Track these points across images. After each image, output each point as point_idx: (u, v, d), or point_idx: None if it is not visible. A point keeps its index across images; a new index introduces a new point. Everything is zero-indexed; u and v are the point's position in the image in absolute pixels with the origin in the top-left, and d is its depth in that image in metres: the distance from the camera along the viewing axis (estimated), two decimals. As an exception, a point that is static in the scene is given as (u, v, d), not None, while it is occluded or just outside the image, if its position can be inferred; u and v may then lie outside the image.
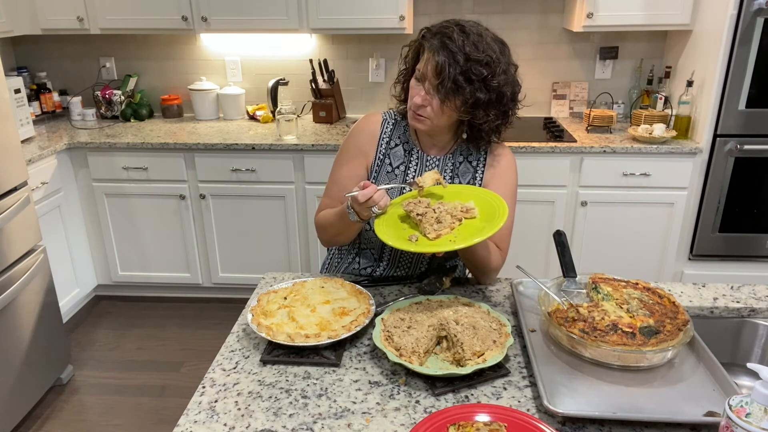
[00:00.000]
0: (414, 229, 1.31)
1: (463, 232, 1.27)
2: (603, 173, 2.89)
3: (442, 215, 1.29)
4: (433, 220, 1.28)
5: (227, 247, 3.19)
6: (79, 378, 2.72)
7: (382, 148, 1.54)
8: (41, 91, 3.38)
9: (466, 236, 1.25)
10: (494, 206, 1.32)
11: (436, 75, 1.33)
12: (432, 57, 1.33)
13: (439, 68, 1.31)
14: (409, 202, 1.34)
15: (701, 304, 1.39)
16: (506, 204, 1.32)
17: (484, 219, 1.30)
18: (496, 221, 1.26)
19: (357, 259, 1.61)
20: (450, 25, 1.35)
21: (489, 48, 1.33)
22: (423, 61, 1.37)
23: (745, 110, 2.73)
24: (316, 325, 1.24)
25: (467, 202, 1.35)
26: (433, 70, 1.33)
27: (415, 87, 1.40)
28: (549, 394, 1.04)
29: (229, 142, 2.96)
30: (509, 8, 3.26)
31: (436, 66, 1.32)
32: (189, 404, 1.08)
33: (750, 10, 2.58)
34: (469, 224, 1.30)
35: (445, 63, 1.30)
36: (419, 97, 1.38)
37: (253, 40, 3.42)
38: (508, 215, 1.28)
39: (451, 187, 1.43)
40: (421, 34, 1.41)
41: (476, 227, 1.28)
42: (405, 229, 1.32)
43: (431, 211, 1.30)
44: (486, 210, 1.32)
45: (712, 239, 2.95)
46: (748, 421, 0.82)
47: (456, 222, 1.29)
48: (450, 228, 1.28)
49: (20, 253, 2.34)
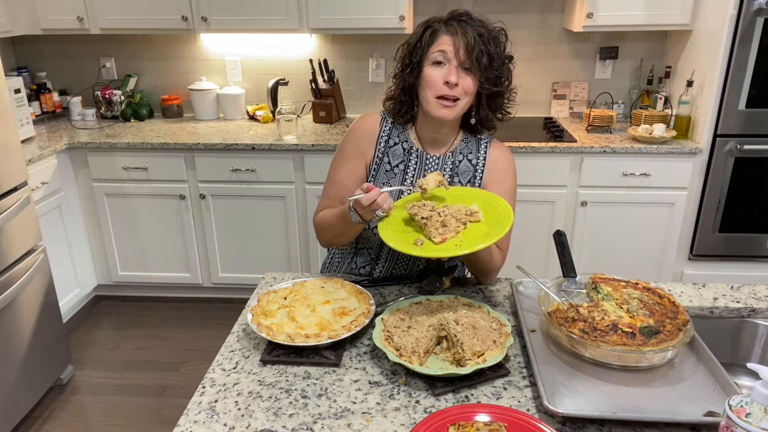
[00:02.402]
0: (418, 232, 1.31)
1: (469, 236, 1.27)
2: (603, 173, 2.89)
3: (447, 219, 1.28)
4: (438, 224, 1.27)
5: (227, 247, 3.19)
6: (79, 378, 2.72)
7: (380, 146, 1.53)
8: (41, 91, 3.38)
9: (472, 240, 1.24)
10: (498, 210, 1.31)
11: (468, 52, 1.36)
12: (460, 36, 1.36)
13: (471, 45, 1.35)
14: (413, 204, 1.33)
15: (701, 304, 1.39)
16: (509, 206, 1.32)
17: (488, 223, 1.30)
18: (501, 225, 1.25)
19: (354, 259, 1.61)
20: (458, 11, 1.42)
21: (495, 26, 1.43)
22: (442, 43, 1.39)
23: (745, 110, 2.73)
24: (316, 325, 1.24)
25: (471, 205, 1.35)
26: (465, 47, 1.36)
27: (436, 71, 1.39)
28: (549, 394, 1.04)
29: (229, 142, 2.96)
30: (509, 8, 3.27)
31: (467, 44, 1.35)
32: (189, 404, 1.08)
33: (750, 10, 2.58)
34: (473, 228, 1.29)
35: (475, 38, 1.35)
36: (454, 75, 1.37)
37: (253, 40, 3.42)
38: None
39: (453, 189, 1.43)
40: (427, 25, 1.43)
41: (481, 231, 1.28)
42: (409, 232, 1.31)
43: (436, 215, 1.29)
44: (490, 213, 1.32)
45: (712, 239, 2.95)
46: (748, 421, 0.82)
47: (461, 226, 1.29)
48: (455, 232, 1.27)
49: (20, 253, 2.34)
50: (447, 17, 1.42)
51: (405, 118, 1.52)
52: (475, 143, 1.54)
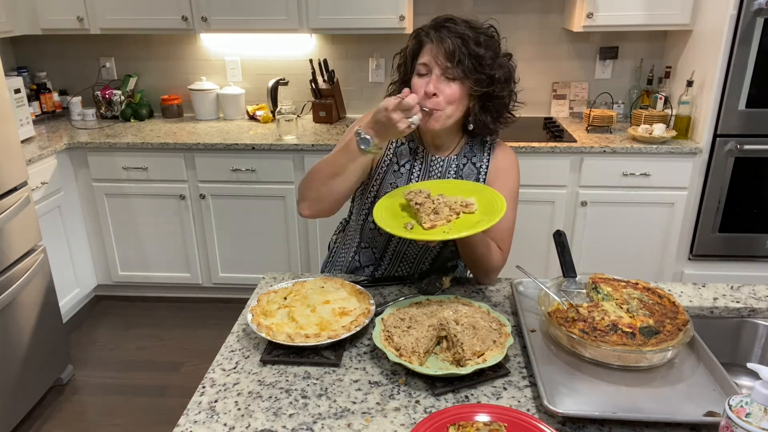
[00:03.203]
0: (413, 218, 1.33)
1: (459, 224, 1.29)
2: (603, 173, 2.89)
3: (440, 206, 1.31)
4: (430, 210, 1.30)
5: (227, 247, 3.19)
6: (79, 378, 2.72)
7: (392, 144, 1.52)
8: (41, 91, 3.38)
9: (461, 229, 1.26)
10: (493, 203, 1.33)
11: (449, 58, 1.32)
12: (439, 44, 1.33)
13: (451, 50, 1.31)
14: (410, 191, 1.35)
15: (701, 304, 1.39)
16: (505, 201, 1.32)
17: (482, 214, 1.32)
18: (493, 216, 1.27)
19: (357, 258, 1.61)
20: (440, 17, 1.38)
21: (483, 25, 1.38)
22: (425, 54, 1.36)
23: (745, 110, 2.73)
24: (316, 325, 1.23)
25: (469, 197, 1.36)
26: (444, 54, 1.32)
27: (418, 82, 1.37)
28: (549, 394, 1.04)
29: (229, 142, 2.96)
30: (509, 8, 3.27)
31: (447, 50, 1.31)
32: (189, 404, 1.07)
33: (750, 10, 2.58)
34: (466, 218, 1.31)
35: (457, 42, 1.31)
36: (431, 85, 1.33)
37: (253, 40, 3.42)
38: (506, 214, 1.29)
39: (455, 182, 1.45)
40: (415, 35, 1.41)
41: (473, 221, 1.29)
42: (404, 217, 1.34)
43: (430, 202, 1.32)
44: (485, 206, 1.33)
45: (712, 239, 2.95)
46: (748, 421, 0.82)
47: (453, 215, 1.31)
48: (446, 220, 1.29)
49: (20, 253, 2.34)
50: (430, 24, 1.39)
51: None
52: (480, 146, 1.53)
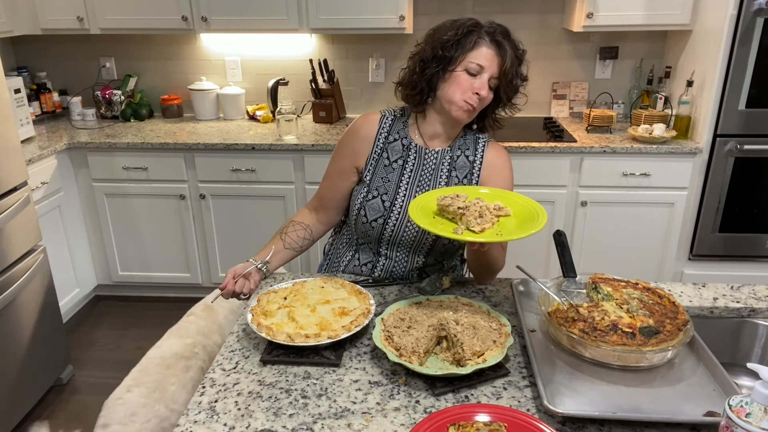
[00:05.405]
0: (450, 223, 1.32)
1: (505, 227, 1.30)
2: (603, 173, 2.89)
3: (483, 210, 1.31)
4: (476, 214, 1.30)
5: (227, 247, 3.19)
6: (79, 378, 2.72)
7: (379, 143, 1.56)
8: (41, 91, 3.38)
9: (511, 232, 1.27)
10: (529, 208, 1.34)
11: (502, 72, 1.45)
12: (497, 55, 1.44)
13: (508, 67, 1.44)
14: (444, 197, 1.35)
15: (701, 304, 1.39)
16: (540, 205, 1.34)
17: (517, 218, 1.33)
18: (536, 220, 1.27)
19: (357, 256, 1.62)
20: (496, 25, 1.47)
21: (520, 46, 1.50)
22: (481, 56, 1.43)
23: (745, 110, 2.73)
24: (316, 325, 1.24)
25: (493, 202, 1.37)
26: (499, 66, 1.44)
27: (468, 80, 1.44)
28: (549, 394, 1.04)
29: (229, 142, 2.96)
30: (509, 8, 3.27)
31: (504, 64, 1.44)
32: (189, 404, 1.08)
33: (750, 10, 2.58)
34: (505, 221, 1.32)
35: (514, 62, 1.46)
36: (485, 90, 1.45)
37: (253, 40, 3.42)
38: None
39: (477, 188, 1.46)
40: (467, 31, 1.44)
41: (513, 224, 1.31)
42: (442, 223, 1.32)
43: (473, 205, 1.31)
44: (519, 211, 1.35)
45: (712, 239, 2.95)
46: (748, 421, 0.82)
47: (495, 218, 1.32)
48: (491, 223, 1.30)
49: (20, 253, 2.34)
50: (490, 28, 1.46)
51: (420, 107, 1.54)
52: (473, 141, 1.58)
